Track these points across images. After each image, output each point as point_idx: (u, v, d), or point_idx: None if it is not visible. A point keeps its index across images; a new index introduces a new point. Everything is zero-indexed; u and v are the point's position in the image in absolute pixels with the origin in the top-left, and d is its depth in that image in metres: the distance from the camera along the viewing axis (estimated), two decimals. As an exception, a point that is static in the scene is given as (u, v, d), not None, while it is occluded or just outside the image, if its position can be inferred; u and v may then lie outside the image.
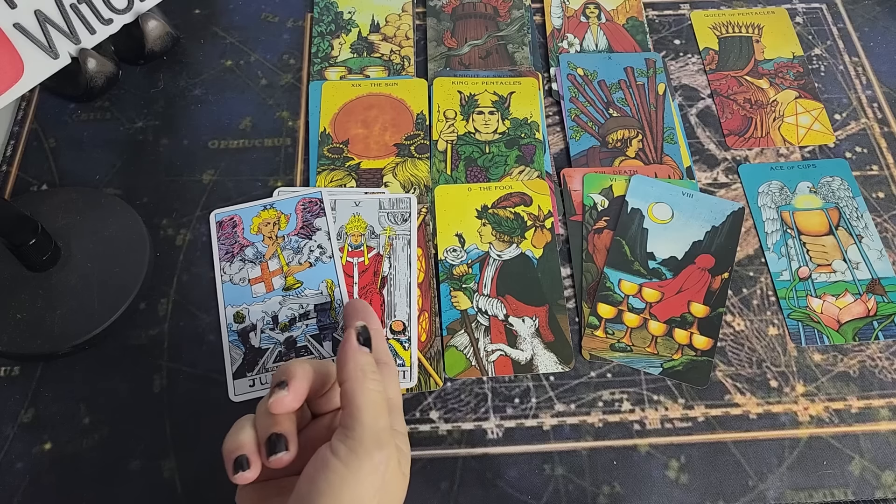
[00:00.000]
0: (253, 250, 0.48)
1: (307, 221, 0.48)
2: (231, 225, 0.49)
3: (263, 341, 0.45)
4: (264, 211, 0.49)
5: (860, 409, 0.44)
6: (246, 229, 0.49)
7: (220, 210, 0.50)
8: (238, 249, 0.48)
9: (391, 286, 0.47)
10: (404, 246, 0.48)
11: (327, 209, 0.48)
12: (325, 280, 0.47)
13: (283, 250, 0.47)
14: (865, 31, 0.61)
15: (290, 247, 0.47)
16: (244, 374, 0.44)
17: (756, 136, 0.55)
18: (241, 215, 0.49)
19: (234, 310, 0.46)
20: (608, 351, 0.46)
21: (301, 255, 0.47)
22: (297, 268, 0.47)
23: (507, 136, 0.54)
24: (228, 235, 0.48)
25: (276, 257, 0.47)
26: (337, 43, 0.59)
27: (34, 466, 0.42)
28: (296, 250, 0.47)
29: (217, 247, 0.48)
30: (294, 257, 0.47)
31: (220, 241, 0.48)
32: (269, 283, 0.46)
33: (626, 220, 0.50)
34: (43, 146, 0.54)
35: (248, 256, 0.47)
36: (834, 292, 0.48)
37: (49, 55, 0.48)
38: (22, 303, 0.45)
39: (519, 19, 0.61)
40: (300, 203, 0.49)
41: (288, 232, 0.48)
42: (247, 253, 0.48)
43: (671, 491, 0.41)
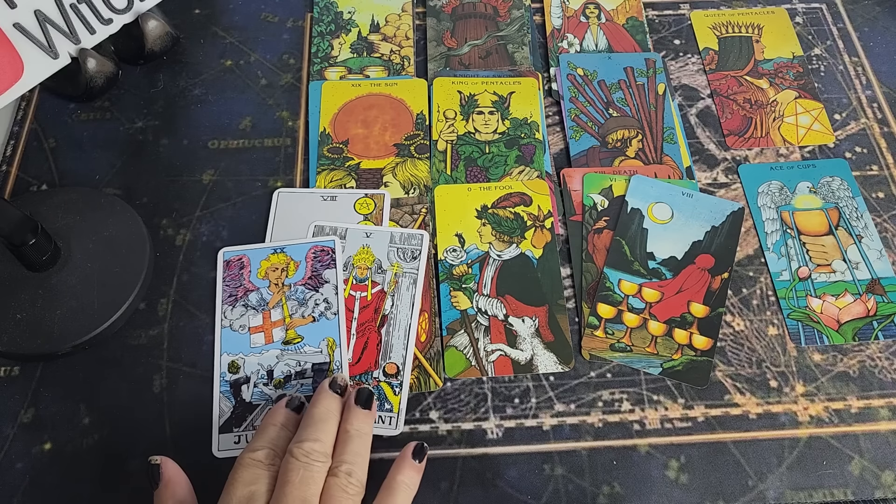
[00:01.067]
0: (257, 296, 0.45)
1: (316, 271, 0.46)
2: (238, 266, 0.46)
3: (255, 396, 0.43)
4: (274, 255, 0.47)
5: (860, 409, 0.44)
6: (253, 272, 0.46)
7: (229, 249, 0.47)
8: (242, 293, 0.46)
9: (390, 326, 0.45)
10: (409, 286, 0.46)
11: (338, 261, 0.46)
12: (327, 338, 0.44)
13: (289, 300, 0.45)
14: (865, 31, 0.61)
15: (295, 297, 0.45)
16: (230, 429, 0.42)
17: (756, 136, 0.55)
18: (249, 256, 0.47)
19: (230, 358, 0.44)
20: (608, 351, 0.46)
21: (306, 307, 0.45)
22: (300, 321, 0.45)
23: (507, 136, 0.54)
24: (234, 277, 0.46)
25: (279, 307, 0.45)
26: (337, 43, 0.59)
27: (34, 466, 0.42)
28: (301, 302, 0.45)
29: (221, 288, 0.46)
30: (298, 309, 0.45)
31: (226, 282, 0.46)
32: (270, 335, 0.44)
33: (625, 220, 0.50)
34: (43, 146, 0.54)
35: (252, 302, 0.45)
36: (834, 292, 0.48)
37: (49, 55, 0.48)
38: (22, 303, 0.45)
39: (519, 19, 0.61)
40: (311, 251, 0.46)
41: (295, 280, 0.46)
42: (250, 298, 0.45)
43: (671, 491, 0.41)
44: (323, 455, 0.36)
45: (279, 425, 0.39)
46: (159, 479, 0.38)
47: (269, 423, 0.39)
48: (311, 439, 0.37)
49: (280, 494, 0.35)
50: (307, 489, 0.35)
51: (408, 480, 0.38)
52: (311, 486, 0.35)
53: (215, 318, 0.45)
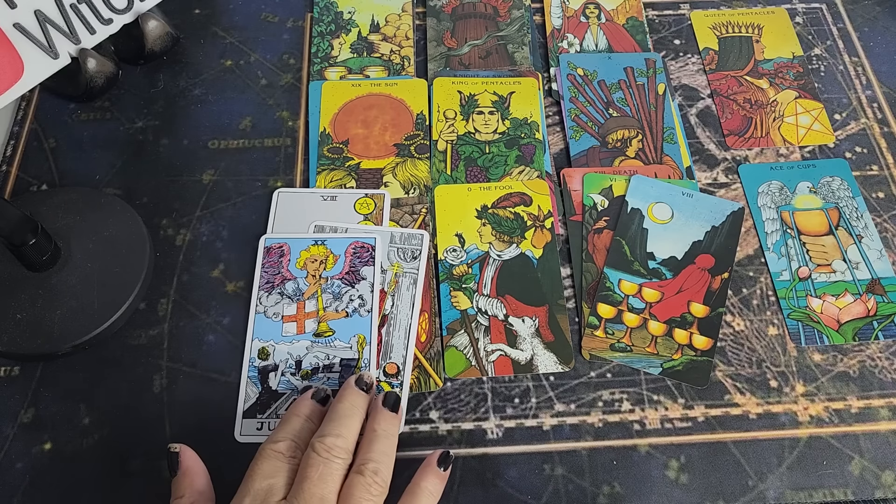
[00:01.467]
0: (294, 286, 0.46)
1: (354, 267, 0.46)
2: (279, 254, 0.47)
3: (282, 385, 0.43)
4: (315, 246, 0.47)
5: (860, 409, 0.44)
6: (292, 262, 0.46)
7: (270, 236, 0.48)
8: (280, 281, 0.46)
9: (391, 326, 0.45)
10: (409, 286, 0.46)
11: (377, 258, 0.46)
12: (358, 335, 0.44)
13: (324, 293, 0.45)
14: (865, 31, 0.61)
15: (331, 290, 0.45)
16: (254, 415, 0.42)
17: (756, 136, 0.55)
18: (290, 245, 0.47)
19: (261, 345, 0.44)
20: (608, 351, 0.46)
21: (340, 302, 0.45)
22: (333, 315, 0.45)
23: (507, 136, 0.54)
24: (273, 264, 0.46)
25: (314, 298, 0.45)
26: (337, 43, 0.59)
27: (34, 466, 0.42)
28: (336, 296, 0.45)
29: (260, 274, 0.46)
30: (332, 303, 0.45)
31: (265, 268, 0.46)
32: (302, 325, 0.44)
33: (625, 220, 0.50)
34: (43, 146, 0.54)
35: (288, 291, 0.46)
36: (834, 292, 0.48)
37: (49, 55, 0.48)
38: (22, 303, 0.45)
39: (519, 19, 0.61)
40: (352, 246, 0.47)
41: (333, 274, 0.46)
42: (287, 287, 0.46)
43: (671, 491, 0.41)
44: (344, 451, 0.36)
45: (303, 417, 0.39)
46: (178, 467, 0.38)
47: (294, 413, 0.39)
48: (333, 434, 0.36)
49: (298, 490, 0.34)
50: (325, 486, 0.35)
51: (431, 487, 0.38)
52: (330, 483, 0.35)
53: (250, 303, 0.46)
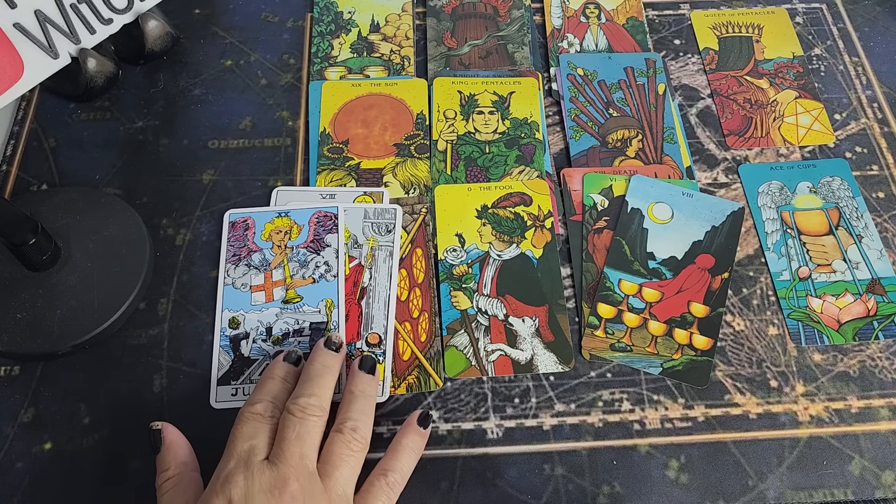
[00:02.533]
0: (260, 256, 0.47)
1: (318, 236, 0.47)
2: (243, 227, 0.48)
3: (254, 351, 0.44)
4: (278, 218, 0.48)
5: (860, 409, 0.44)
6: (257, 234, 0.48)
7: (235, 210, 0.49)
8: (246, 253, 0.47)
9: (370, 298, 0.46)
10: (386, 258, 0.47)
11: (340, 226, 0.47)
12: (326, 299, 0.46)
13: (290, 261, 0.47)
14: (865, 31, 0.61)
15: (297, 259, 0.47)
16: (228, 382, 0.44)
17: (756, 136, 0.55)
18: (254, 219, 0.48)
19: (231, 314, 0.45)
20: (608, 351, 0.46)
21: (307, 269, 0.46)
22: (300, 282, 0.46)
23: (507, 136, 0.54)
24: (239, 237, 0.48)
25: (281, 267, 0.47)
26: (337, 43, 0.59)
27: (34, 466, 0.42)
28: (302, 263, 0.47)
29: (226, 247, 0.47)
30: (299, 270, 0.46)
31: (230, 241, 0.48)
32: (270, 293, 0.46)
33: (626, 220, 0.50)
34: (43, 146, 0.54)
35: (255, 262, 0.47)
36: (834, 292, 0.48)
37: (49, 55, 0.48)
38: (22, 303, 0.45)
39: (519, 19, 0.61)
40: (315, 216, 0.48)
41: (298, 243, 0.47)
42: (253, 259, 0.47)
43: (671, 491, 0.41)
44: (319, 409, 0.37)
45: (278, 378, 0.40)
46: (161, 443, 0.39)
47: (268, 376, 0.40)
48: (306, 394, 0.38)
49: (278, 450, 0.36)
50: (304, 444, 0.36)
51: (412, 445, 0.40)
52: (308, 441, 0.36)
53: (218, 275, 0.47)
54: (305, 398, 0.37)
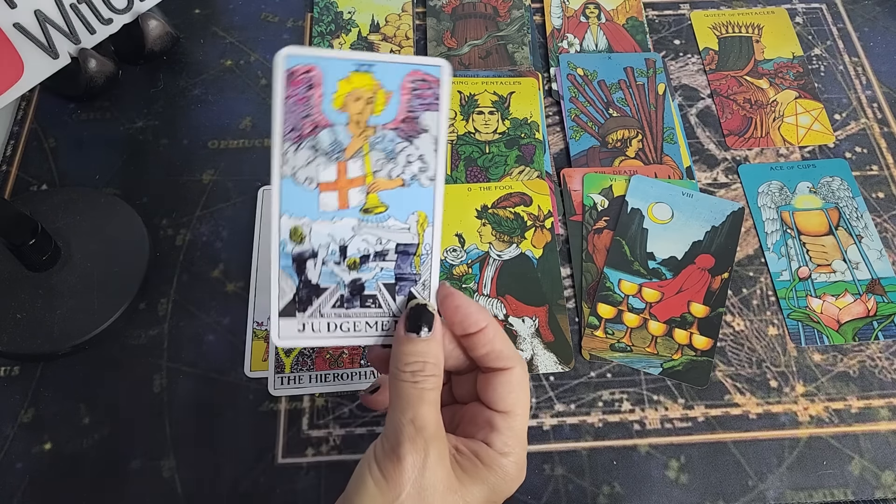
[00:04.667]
0: (331, 136, 0.31)
1: (413, 112, 0.32)
2: (307, 84, 0.31)
3: (324, 277, 0.32)
4: (356, 74, 0.31)
5: (860, 409, 0.44)
6: (327, 98, 0.31)
7: (294, 50, 0.30)
8: (311, 128, 0.31)
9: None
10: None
11: (443, 101, 0.32)
12: (418, 213, 0.33)
13: (373, 149, 0.32)
14: (865, 31, 0.61)
15: (382, 146, 0.32)
16: (293, 314, 0.32)
17: (756, 136, 0.55)
18: (323, 70, 0.31)
19: (293, 223, 0.32)
20: (608, 351, 0.46)
21: (395, 164, 0.32)
22: (386, 183, 0.32)
23: (507, 136, 0.54)
24: (301, 99, 0.31)
25: (360, 157, 0.32)
26: (337, 43, 0.59)
27: (34, 466, 0.42)
28: (389, 155, 0.32)
29: (281, 113, 0.30)
30: (385, 165, 0.32)
31: (289, 106, 0.31)
32: (345, 197, 0.32)
33: (625, 220, 0.50)
34: (43, 146, 0.54)
35: (323, 145, 0.31)
36: (834, 292, 0.48)
37: (49, 55, 0.48)
38: (22, 303, 0.45)
39: (519, 19, 0.61)
40: (409, 78, 0.32)
41: (385, 122, 0.32)
42: (321, 138, 0.31)
43: (671, 491, 0.41)
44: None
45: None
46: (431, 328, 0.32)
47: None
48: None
49: None
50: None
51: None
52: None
53: (272, 159, 0.31)
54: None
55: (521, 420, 0.32)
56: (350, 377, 0.45)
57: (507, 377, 0.32)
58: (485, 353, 0.32)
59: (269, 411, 0.44)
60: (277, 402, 0.44)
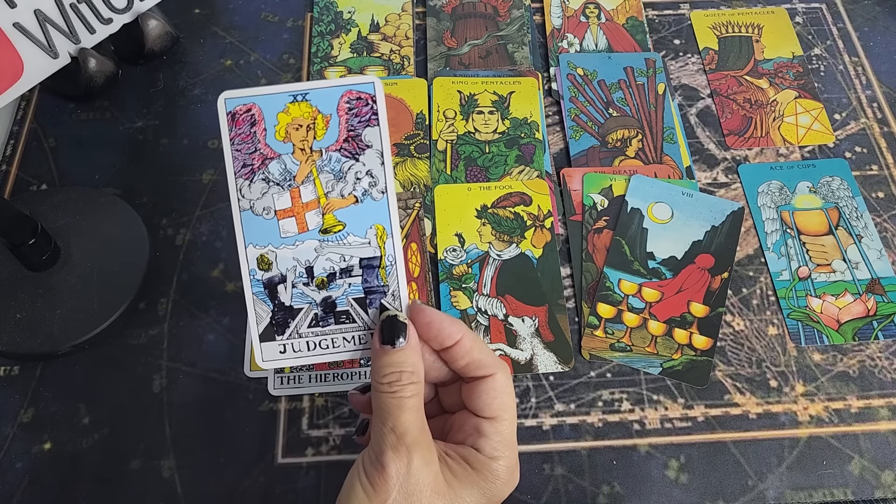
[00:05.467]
0: (279, 166, 0.33)
1: (354, 131, 0.33)
2: (248, 121, 0.33)
3: (296, 299, 0.34)
4: (293, 104, 0.33)
5: (860, 408, 0.44)
6: (269, 131, 0.33)
7: (232, 94, 0.33)
8: (259, 162, 0.33)
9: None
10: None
11: (381, 113, 0.33)
12: (376, 226, 0.34)
13: (321, 172, 0.34)
14: (865, 31, 0.61)
15: (328, 168, 0.34)
16: (273, 337, 0.34)
17: (756, 136, 0.55)
18: (261, 108, 0.33)
19: (258, 251, 0.34)
20: (608, 351, 0.46)
21: (345, 183, 0.34)
22: (340, 202, 0.34)
23: (507, 136, 0.54)
24: (245, 137, 0.33)
25: (310, 182, 0.34)
26: (337, 43, 0.59)
27: (34, 466, 0.42)
28: (337, 175, 0.34)
29: (231, 153, 0.33)
30: (335, 185, 0.34)
31: (235, 145, 0.33)
32: (303, 220, 0.34)
33: (625, 220, 0.50)
34: (43, 146, 0.54)
35: (273, 175, 0.33)
36: (833, 292, 0.48)
37: (49, 55, 0.48)
38: (22, 303, 0.45)
39: (519, 19, 0.61)
40: (345, 98, 0.33)
41: (328, 145, 0.33)
42: (271, 169, 0.33)
43: (671, 491, 0.41)
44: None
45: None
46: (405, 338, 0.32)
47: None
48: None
49: None
50: None
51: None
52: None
53: (230, 197, 0.34)
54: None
55: (509, 424, 0.32)
56: (350, 377, 0.45)
57: (490, 384, 0.32)
58: (465, 364, 0.33)
59: (269, 411, 0.44)
60: (277, 401, 0.44)
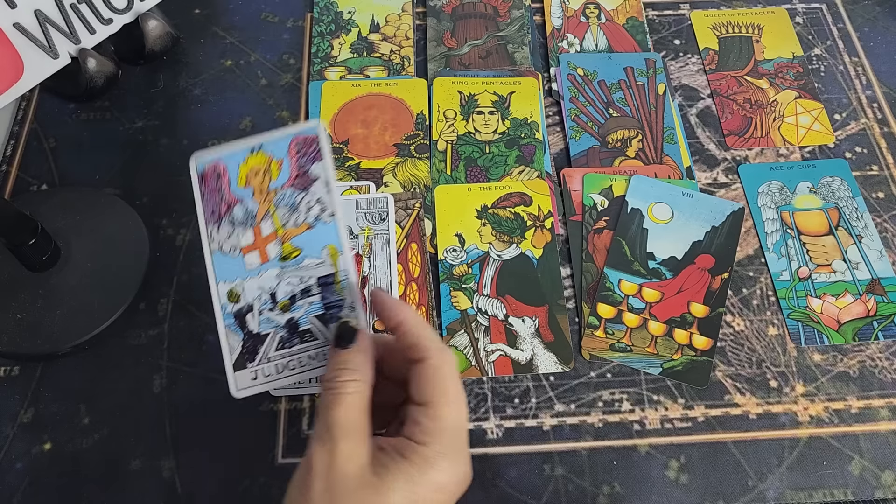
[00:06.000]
0: (242, 209, 0.38)
1: (303, 168, 0.38)
2: (215, 177, 0.39)
3: (263, 325, 0.38)
4: (252, 156, 0.38)
5: (860, 409, 0.44)
6: (233, 181, 0.38)
7: (201, 154, 0.38)
8: (226, 209, 0.38)
9: (372, 286, 0.46)
10: (383, 245, 0.47)
11: (325, 149, 0.38)
12: (328, 246, 0.38)
13: (278, 208, 0.38)
14: (865, 31, 0.61)
15: (284, 203, 0.38)
16: (245, 366, 0.37)
17: (756, 136, 0.55)
18: (225, 164, 0.38)
19: (228, 287, 0.38)
20: (608, 351, 0.46)
21: (297, 213, 0.38)
22: (294, 231, 0.38)
23: (507, 136, 0.54)
24: (213, 191, 0.38)
25: (269, 218, 0.38)
26: (337, 43, 0.59)
27: (34, 466, 0.42)
28: (291, 207, 0.38)
29: (202, 206, 0.38)
30: (290, 217, 0.38)
31: (205, 198, 0.38)
32: (264, 252, 0.38)
33: (626, 220, 0.50)
34: (43, 146, 0.54)
35: (238, 217, 0.38)
36: (834, 292, 0.48)
37: (49, 55, 0.48)
38: (22, 303, 0.45)
39: (519, 19, 0.61)
40: (293, 143, 0.38)
41: (281, 184, 0.38)
42: (235, 213, 0.38)
43: (671, 491, 0.41)
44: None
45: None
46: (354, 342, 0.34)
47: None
48: None
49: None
50: None
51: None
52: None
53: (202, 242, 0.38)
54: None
55: (446, 411, 0.31)
56: (350, 377, 0.45)
57: (423, 369, 0.32)
58: (408, 347, 0.33)
59: (269, 411, 0.44)
60: (277, 402, 0.44)
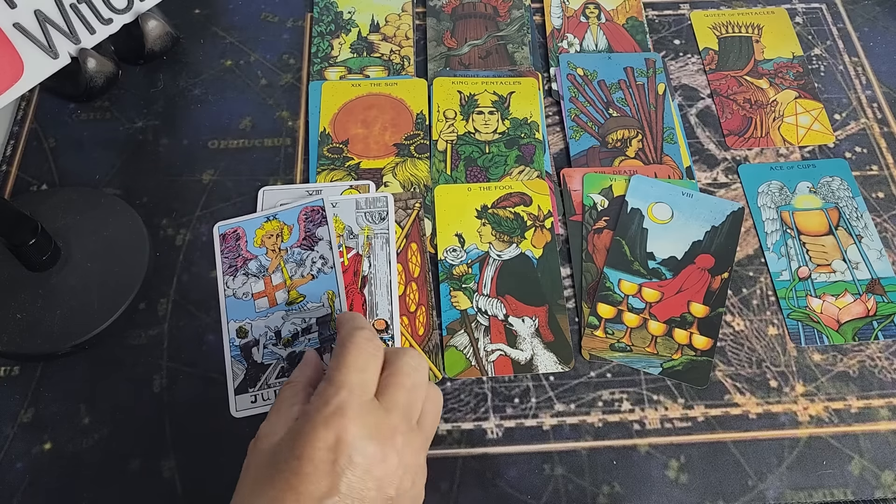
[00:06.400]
0: (256, 264, 0.47)
1: (309, 232, 0.48)
2: (234, 238, 0.48)
3: (266, 357, 0.44)
4: (267, 223, 0.48)
5: (860, 409, 0.44)
6: (249, 242, 0.48)
7: (223, 223, 0.49)
8: (241, 263, 0.47)
9: (372, 285, 0.47)
10: (383, 245, 0.48)
11: (329, 218, 0.48)
12: (327, 292, 0.46)
13: (287, 263, 0.47)
14: (865, 31, 0.61)
15: (292, 259, 0.47)
16: (246, 390, 0.43)
17: (756, 136, 0.55)
18: (244, 228, 0.48)
19: (237, 325, 0.45)
20: (608, 351, 0.46)
21: (304, 267, 0.47)
22: (300, 281, 0.46)
23: (507, 136, 0.54)
24: (231, 249, 0.48)
25: (279, 271, 0.47)
26: (337, 43, 0.59)
27: (34, 466, 0.42)
28: (298, 263, 0.47)
29: (220, 260, 0.48)
30: (297, 270, 0.47)
31: (224, 254, 0.48)
32: (273, 298, 0.46)
33: (625, 220, 0.50)
34: (43, 146, 0.54)
35: (252, 270, 0.47)
36: (834, 292, 0.48)
37: (49, 55, 0.48)
38: (22, 303, 0.45)
39: (519, 19, 0.61)
40: (302, 213, 0.48)
41: (290, 244, 0.48)
42: (250, 266, 0.47)
43: (671, 491, 0.41)
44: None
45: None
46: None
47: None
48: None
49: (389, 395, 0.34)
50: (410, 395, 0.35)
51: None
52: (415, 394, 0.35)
53: (218, 288, 0.47)
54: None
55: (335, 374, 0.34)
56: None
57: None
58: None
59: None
60: (277, 402, 0.44)
